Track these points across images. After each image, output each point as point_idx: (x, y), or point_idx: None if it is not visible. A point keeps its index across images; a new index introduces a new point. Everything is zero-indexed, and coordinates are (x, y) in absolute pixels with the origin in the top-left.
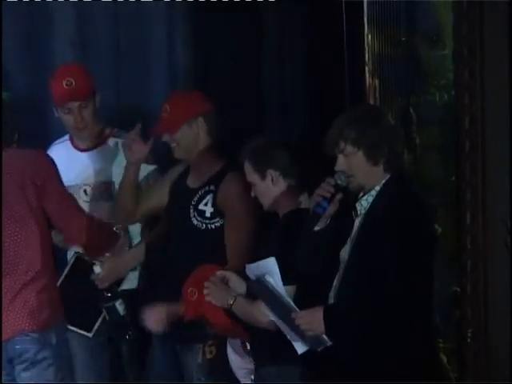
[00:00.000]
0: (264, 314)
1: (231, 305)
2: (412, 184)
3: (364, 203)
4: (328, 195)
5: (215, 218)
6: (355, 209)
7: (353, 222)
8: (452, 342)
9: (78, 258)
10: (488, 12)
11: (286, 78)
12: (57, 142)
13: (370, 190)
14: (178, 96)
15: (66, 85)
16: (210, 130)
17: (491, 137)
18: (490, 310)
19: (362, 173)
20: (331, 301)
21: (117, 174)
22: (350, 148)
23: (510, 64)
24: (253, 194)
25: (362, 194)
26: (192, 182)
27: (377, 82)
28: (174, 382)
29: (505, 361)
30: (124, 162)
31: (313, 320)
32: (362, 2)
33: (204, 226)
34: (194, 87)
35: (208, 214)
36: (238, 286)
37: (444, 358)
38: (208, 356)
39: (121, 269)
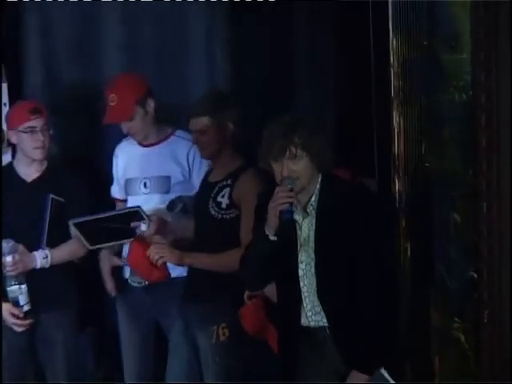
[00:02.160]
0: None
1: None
2: (429, 177)
3: (314, 203)
4: (292, 200)
5: (230, 209)
6: (306, 211)
7: (294, 225)
8: (469, 323)
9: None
10: (503, 20)
11: (316, 80)
12: (125, 139)
13: (313, 191)
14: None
15: (111, 101)
16: (237, 132)
17: (506, 133)
18: (504, 293)
19: (307, 176)
20: (305, 295)
21: (174, 169)
22: (299, 152)
23: None
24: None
25: (309, 197)
26: (213, 176)
27: (401, 83)
28: (192, 362)
29: None
30: (181, 159)
31: None
32: (388, 10)
33: (220, 216)
34: (229, 87)
35: (224, 206)
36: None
37: (462, 337)
38: (221, 338)
39: (166, 230)
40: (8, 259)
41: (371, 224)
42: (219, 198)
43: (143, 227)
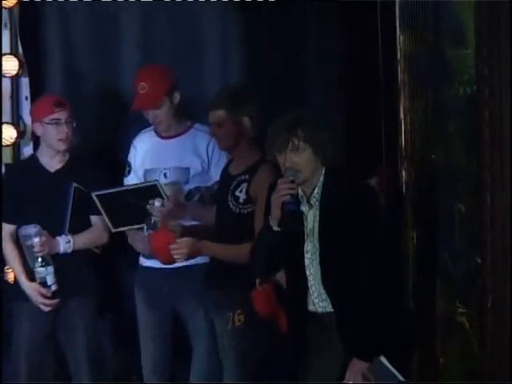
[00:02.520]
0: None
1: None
2: (435, 169)
3: (317, 195)
4: (294, 192)
5: (247, 204)
6: (309, 203)
7: (301, 217)
8: (474, 309)
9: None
10: (505, 18)
11: (327, 75)
12: (143, 130)
13: (316, 184)
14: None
15: (141, 89)
16: (253, 128)
17: (508, 127)
18: (507, 280)
19: (309, 168)
20: (311, 283)
21: (193, 161)
22: (302, 145)
23: None
24: None
25: (312, 189)
26: (233, 169)
27: (407, 77)
28: (209, 347)
29: None
30: (201, 151)
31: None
32: (395, 9)
33: (238, 210)
34: (244, 83)
35: (241, 200)
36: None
37: (466, 323)
38: (237, 323)
39: (184, 213)
40: (36, 240)
41: (372, 215)
42: (237, 193)
43: (157, 203)
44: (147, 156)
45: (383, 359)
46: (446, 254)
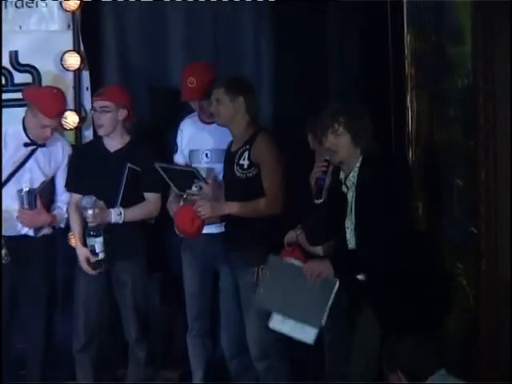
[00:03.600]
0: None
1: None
2: (437, 148)
3: (352, 179)
4: (325, 169)
5: (251, 168)
6: (346, 185)
7: (345, 195)
8: (471, 269)
9: (191, 171)
10: (498, 18)
11: (345, 68)
12: (188, 116)
13: (352, 168)
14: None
15: (190, 83)
16: (248, 108)
17: (501, 112)
18: (499, 244)
19: (345, 151)
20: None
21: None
22: (341, 130)
23: None
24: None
25: (348, 173)
26: (233, 147)
27: (413, 70)
28: (235, 298)
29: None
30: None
31: (322, 266)
32: (403, 11)
33: (244, 175)
34: (273, 78)
35: (246, 166)
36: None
37: (464, 281)
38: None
39: (219, 192)
40: (89, 212)
41: (399, 198)
42: (241, 161)
43: (194, 189)
44: (192, 138)
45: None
46: (446, 221)
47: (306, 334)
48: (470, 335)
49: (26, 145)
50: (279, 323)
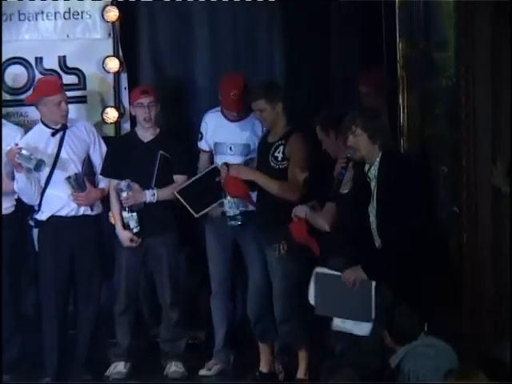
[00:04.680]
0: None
1: None
2: (425, 141)
3: (373, 172)
4: (344, 165)
5: (283, 161)
6: (368, 177)
7: (369, 185)
8: (454, 242)
9: (216, 168)
10: (477, 29)
11: (347, 69)
12: (210, 110)
13: (373, 163)
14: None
15: (233, 95)
16: (285, 109)
17: (479, 109)
18: (480, 223)
19: (364, 148)
20: (376, 238)
21: (252, 139)
22: (359, 131)
23: (491, 61)
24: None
25: (369, 167)
26: (271, 138)
27: (405, 73)
28: (261, 270)
29: (487, 249)
30: (258, 132)
31: (355, 272)
32: (395, 22)
33: (277, 166)
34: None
35: (279, 159)
36: None
37: (450, 248)
38: (282, 251)
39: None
40: (124, 194)
41: (410, 186)
42: (276, 154)
43: (222, 167)
44: (216, 131)
45: (373, 285)
46: (434, 202)
47: (363, 328)
48: (453, 297)
49: (53, 134)
50: (340, 324)
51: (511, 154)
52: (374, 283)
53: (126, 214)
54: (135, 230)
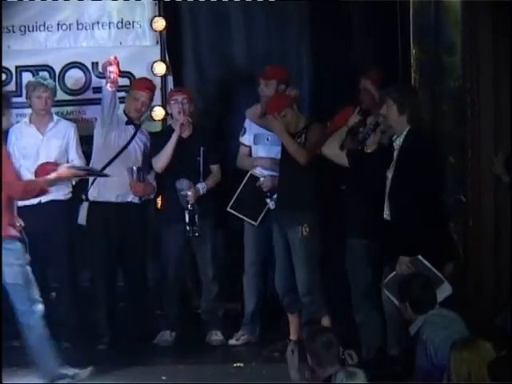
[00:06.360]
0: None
1: None
2: (436, 134)
3: (398, 142)
4: (372, 127)
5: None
6: (393, 146)
7: (392, 153)
8: (460, 226)
9: (252, 174)
10: (482, 34)
11: (363, 72)
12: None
13: (400, 134)
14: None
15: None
16: (298, 108)
17: (483, 107)
18: (483, 208)
19: (393, 118)
20: (386, 205)
21: None
22: (390, 102)
23: (493, 64)
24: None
25: (395, 137)
26: (292, 129)
27: (417, 75)
28: (285, 250)
29: (490, 232)
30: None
31: (400, 261)
32: (410, 30)
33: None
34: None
35: (302, 143)
36: None
37: (455, 236)
38: (304, 233)
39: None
40: (189, 193)
41: (430, 162)
42: (298, 140)
43: (261, 181)
44: (255, 125)
45: (421, 258)
46: (441, 189)
47: (444, 290)
48: (458, 278)
49: (127, 123)
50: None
51: (511, 146)
52: (420, 257)
53: (190, 212)
54: (198, 223)
